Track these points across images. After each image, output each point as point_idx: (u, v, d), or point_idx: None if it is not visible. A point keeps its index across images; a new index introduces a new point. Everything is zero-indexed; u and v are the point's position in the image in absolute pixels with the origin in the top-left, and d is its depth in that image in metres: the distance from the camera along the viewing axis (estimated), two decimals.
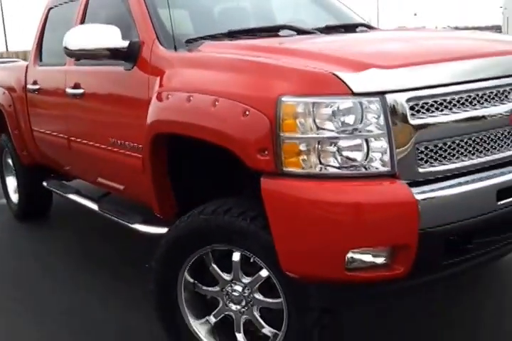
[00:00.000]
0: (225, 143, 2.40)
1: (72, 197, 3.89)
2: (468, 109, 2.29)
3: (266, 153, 2.25)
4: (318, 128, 2.18)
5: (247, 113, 2.30)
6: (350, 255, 2.18)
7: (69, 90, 3.66)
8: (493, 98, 2.38)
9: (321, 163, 2.20)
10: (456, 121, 2.27)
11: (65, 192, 4.04)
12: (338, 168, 2.19)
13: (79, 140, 3.70)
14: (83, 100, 3.55)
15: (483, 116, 2.32)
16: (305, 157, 2.21)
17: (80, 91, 3.55)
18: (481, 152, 2.35)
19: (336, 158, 2.18)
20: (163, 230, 3.07)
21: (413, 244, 2.15)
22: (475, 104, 2.32)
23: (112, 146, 3.30)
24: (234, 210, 2.51)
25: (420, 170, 2.22)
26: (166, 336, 2.81)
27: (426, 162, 2.24)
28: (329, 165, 2.19)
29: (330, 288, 2.33)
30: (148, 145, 2.83)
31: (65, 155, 4.05)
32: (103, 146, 3.41)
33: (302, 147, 2.20)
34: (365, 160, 2.17)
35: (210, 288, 2.71)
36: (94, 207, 3.62)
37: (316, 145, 2.19)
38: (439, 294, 3.34)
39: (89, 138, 3.58)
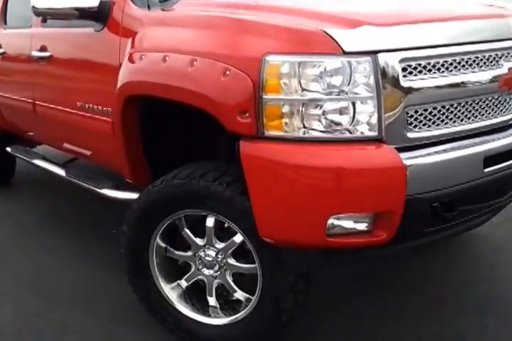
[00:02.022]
0: (203, 105, 2.08)
1: (38, 162, 3.47)
2: (460, 72, 2.04)
3: (247, 115, 1.95)
4: (303, 89, 1.89)
5: (228, 73, 1.98)
6: (331, 221, 1.92)
7: (35, 53, 3.21)
8: (485, 62, 2.13)
9: (304, 126, 1.91)
10: (447, 85, 2.01)
11: (30, 158, 3.61)
12: (323, 131, 1.91)
13: (45, 104, 3.27)
14: (50, 63, 3.11)
15: (475, 81, 2.07)
16: (288, 120, 1.92)
17: (47, 54, 3.11)
18: (469, 118, 2.11)
19: (321, 122, 1.91)
20: (133, 195, 2.73)
21: (398, 211, 1.91)
22: (467, 68, 2.07)
23: (79, 110, 2.90)
24: (209, 175, 2.20)
25: (409, 135, 1.97)
26: (137, 300, 2.51)
27: (415, 127, 1.98)
28: (313, 129, 1.91)
29: (308, 253, 2.07)
30: (119, 108, 2.47)
31: (30, 121, 3.61)
32: (70, 110, 3.00)
33: (285, 109, 1.91)
34: (351, 124, 1.90)
35: (182, 253, 2.42)
36: (61, 172, 3.22)
37: (300, 108, 1.90)
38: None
39: (56, 102, 3.16)
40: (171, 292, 2.46)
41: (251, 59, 1.93)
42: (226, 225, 2.29)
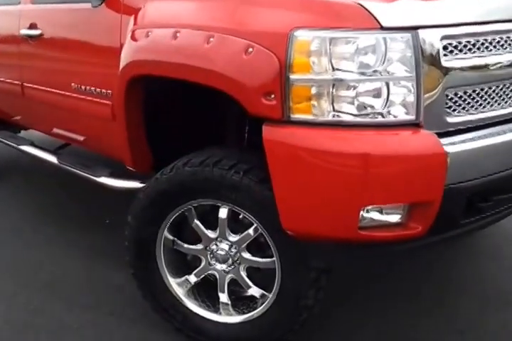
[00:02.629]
0: (221, 87, 1.89)
1: (27, 149, 3.23)
2: (503, 52, 1.88)
3: (271, 97, 1.77)
4: (334, 69, 1.71)
5: (250, 50, 1.79)
6: (364, 212, 1.77)
7: (24, 31, 2.97)
8: None
9: (334, 109, 1.74)
10: (489, 66, 1.85)
11: (18, 144, 3.36)
12: (355, 115, 1.74)
13: (35, 86, 3.04)
14: (40, 42, 2.88)
15: None
16: (316, 102, 1.75)
17: (37, 32, 2.88)
18: (506, 102, 1.95)
19: (353, 104, 1.73)
20: (133, 184, 2.56)
21: (437, 202, 1.76)
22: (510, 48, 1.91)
23: (74, 92, 2.69)
24: (224, 162, 2.03)
25: (448, 119, 1.81)
26: (141, 295, 2.33)
27: (454, 110, 1.83)
28: (344, 112, 1.74)
29: (335, 247, 1.91)
30: (122, 90, 2.26)
31: (17, 104, 3.37)
32: (63, 93, 2.79)
33: (314, 91, 1.74)
34: (387, 107, 1.74)
35: (192, 246, 2.25)
36: (53, 159, 2.99)
37: (331, 89, 1.73)
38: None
39: (47, 83, 2.94)
40: (178, 288, 2.29)
41: (277, 34, 1.75)
42: (241, 216, 2.14)
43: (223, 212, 2.11)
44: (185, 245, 2.26)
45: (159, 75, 2.12)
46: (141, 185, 2.54)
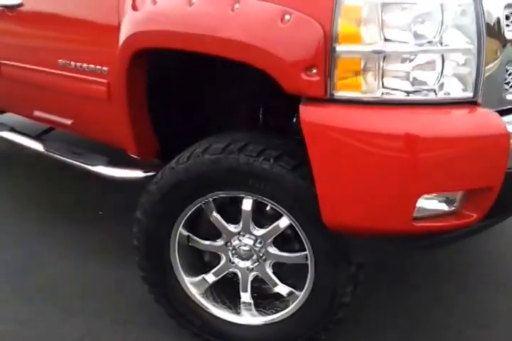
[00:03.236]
0: (251, 60, 1.64)
1: (6, 135, 2.91)
2: None
3: (313, 72, 1.54)
4: (386, 39, 1.49)
5: (288, 18, 1.54)
6: (420, 202, 1.57)
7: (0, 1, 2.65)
8: None
9: (384, 85, 1.52)
10: None
11: None
12: (407, 92, 1.52)
13: (13, 63, 2.71)
14: (20, 13, 2.54)
15: None
16: (365, 77, 1.52)
17: (16, 1, 2.54)
18: None
19: (406, 80, 1.52)
20: (135, 173, 2.31)
21: (496, 187, 1.58)
22: None
23: (60, 70, 2.38)
24: (251, 148, 1.80)
25: (507, 96, 1.62)
26: (154, 299, 2.10)
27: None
28: (395, 89, 1.53)
29: (382, 239, 1.72)
30: (124, 65, 1.98)
31: None
32: (48, 70, 2.47)
33: (363, 64, 1.51)
34: (443, 83, 1.52)
35: (210, 243, 2.02)
36: (38, 146, 2.68)
37: (381, 63, 1.50)
38: None
39: (28, 60, 2.61)
40: (195, 289, 2.06)
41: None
42: (268, 208, 1.92)
43: (247, 204, 1.88)
44: (203, 241, 2.03)
45: (170, 48, 1.86)
46: (144, 175, 2.30)
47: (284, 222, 1.87)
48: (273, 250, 1.94)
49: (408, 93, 1.53)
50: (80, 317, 2.24)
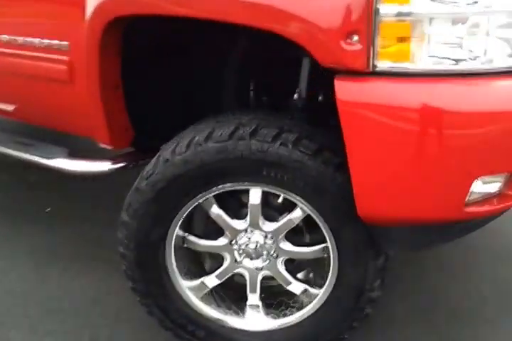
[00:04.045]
0: (277, 28, 1.36)
1: None
2: None
3: (355, 39, 1.29)
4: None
5: None
6: (474, 186, 1.39)
7: None
8: None
9: (432, 54, 1.31)
10: None
11: None
12: (457, 61, 1.32)
13: None
14: None
15: None
16: (412, 44, 1.30)
17: None
18: None
19: (456, 47, 1.31)
20: (103, 166, 1.97)
21: None
22: None
23: (5, 47, 1.97)
24: (264, 131, 1.54)
25: None
26: (147, 311, 1.80)
27: None
28: (444, 58, 1.32)
29: (420, 229, 1.53)
30: (96, 39, 1.63)
31: None
32: None
33: (409, 28, 1.29)
34: (489, 49, 1.32)
35: (211, 242, 1.76)
36: None
37: (429, 27, 1.29)
38: None
39: None
40: (194, 295, 1.80)
41: None
42: (279, 200, 1.68)
43: (255, 196, 1.63)
44: (201, 241, 1.76)
45: (155, 15, 1.54)
46: (114, 167, 1.98)
47: (297, 213, 1.65)
48: (286, 245, 1.71)
49: (457, 61, 1.34)
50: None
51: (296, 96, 1.84)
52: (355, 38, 1.29)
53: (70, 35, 1.74)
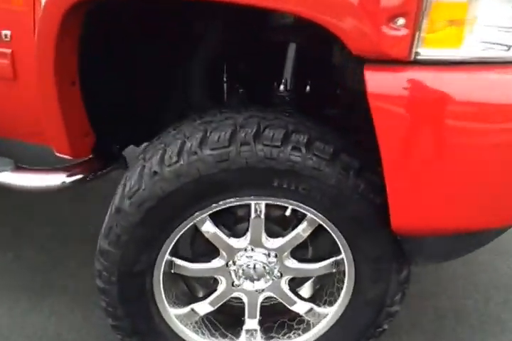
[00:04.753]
0: (305, 11, 1.10)
1: None
2: None
3: (401, 23, 1.06)
4: None
5: None
6: None
7: None
8: None
9: (485, 40, 1.11)
10: None
11: None
12: (509, 47, 1.13)
13: None
14: None
15: None
16: (462, 28, 1.09)
17: None
18: None
19: (508, 31, 1.12)
20: (56, 179, 1.62)
21: None
22: None
23: None
24: (270, 134, 1.28)
25: None
26: None
27: None
28: (496, 43, 1.12)
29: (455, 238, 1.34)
30: (53, 28, 1.27)
31: None
32: None
33: (460, 10, 1.07)
34: None
35: (204, 266, 1.48)
36: None
37: (479, 8, 1.08)
38: None
39: None
40: (183, 325, 1.52)
41: None
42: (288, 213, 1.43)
43: (259, 210, 1.37)
44: (193, 265, 1.47)
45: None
46: (70, 180, 1.64)
47: (306, 226, 1.42)
48: (291, 263, 1.47)
49: (509, 48, 1.14)
50: None
51: (282, 87, 1.60)
52: (401, 21, 1.05)
53: (11, 23, 1.38)
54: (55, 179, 1.62)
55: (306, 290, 1.63)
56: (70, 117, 1.45)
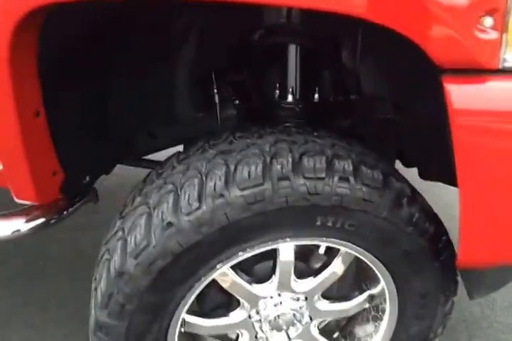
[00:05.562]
0: (374, 16, 0.84)
1: None
2: None
3: (488, 24, 0.84)
4: None
5: None
6: None
7: None
8: None
9: None
10: None
11: None
12: None
13: None
14: None
15: None
16: None
17: None
18: None
19: None
20: (14, 225, 1.28)
21: None
22: None
23: None
24: (309, 163, 1.03)
25: None
26: None
27: None
28: None
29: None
30: (6, 37, 0.92)
31: None
32: None
33: None
34: None
35: (222, 321, 1.21)
36: None
37: None
38: None
39: None
40: None
41: None
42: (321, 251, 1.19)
43: (288, 251, 1.13)
44: (209, 322, 1.20)
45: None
46: (29, 226, 1.29)
47: (339, 262, 1.19)
48: (322, 305, 1.24)
49: None
50: None
51: (290, 97, 1.34)
52: (489, 22, 0.84)
53: None
54: (11, 226, 1.28)
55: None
56: (34, 154, 1.11)
